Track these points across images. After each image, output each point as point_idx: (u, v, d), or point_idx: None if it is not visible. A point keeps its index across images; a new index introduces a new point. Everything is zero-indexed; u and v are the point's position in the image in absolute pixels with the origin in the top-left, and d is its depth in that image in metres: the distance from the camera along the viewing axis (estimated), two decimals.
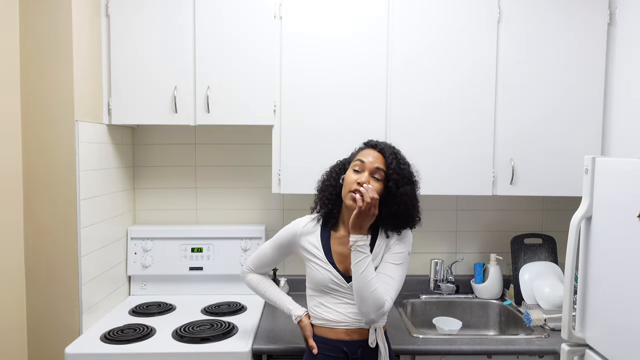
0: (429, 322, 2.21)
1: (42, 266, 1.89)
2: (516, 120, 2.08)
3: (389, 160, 1.51)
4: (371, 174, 1.50)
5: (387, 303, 1.48)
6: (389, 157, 1.52)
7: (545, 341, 1.85)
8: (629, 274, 1.42)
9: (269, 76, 2.07)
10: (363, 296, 1.45)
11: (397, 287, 1.53)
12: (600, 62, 2.08)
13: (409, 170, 1.55)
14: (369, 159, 1.51)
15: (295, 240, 1.63)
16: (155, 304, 2.19)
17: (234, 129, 2.43)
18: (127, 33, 2.06)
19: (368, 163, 1.51)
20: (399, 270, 1.54)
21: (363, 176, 1.48)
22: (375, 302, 1.44)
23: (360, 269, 1.44)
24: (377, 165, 1.50)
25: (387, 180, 1.51)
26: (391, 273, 1.52)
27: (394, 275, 1.52)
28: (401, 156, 1.56)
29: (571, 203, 1.93)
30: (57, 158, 1.86)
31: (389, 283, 1.51)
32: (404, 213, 1.52)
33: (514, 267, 2.25)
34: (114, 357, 1.72)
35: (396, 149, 1.58)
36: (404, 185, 1.50)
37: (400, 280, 1.54)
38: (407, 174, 1.53)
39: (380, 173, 1.50)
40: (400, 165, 1.52)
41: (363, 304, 1.46)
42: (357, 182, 1.47)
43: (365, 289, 1.44)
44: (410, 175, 1.54)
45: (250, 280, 1.74)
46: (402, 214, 1.52)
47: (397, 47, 2.06)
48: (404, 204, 1.50)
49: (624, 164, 1.46)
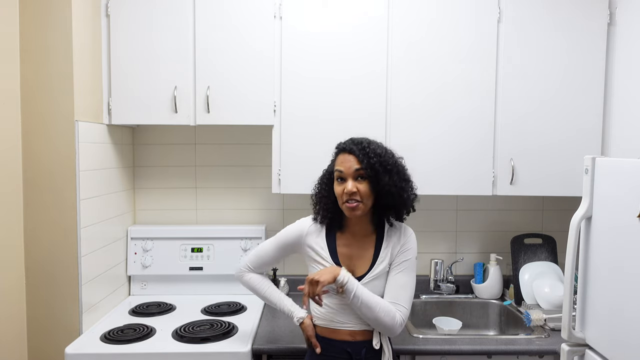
0: (429, 322, 2.21)
1: (42, 266, 1.89)
2: (516, 120, 2.08)
3: (360, 159, 1.48)
4: (354, 179, 1.49)
5: (399, 314, 1.49)
6: (359, 156, 1.48)
7: (545, 341, 1.85)
8: (629, 274, 1.42)
9: (269, 76, 2.07)
10: (369, 319, 1.49)
11: (409, 294, 1.54)
12: (600, 62, 2.08)
13: (382, 159, 1.49)
14: (346, 165, 1.50)
15: (301, 240, 1.62)
16: (155, 304, 2.19)
17: (234, 129, 2.43)
18: (127, 33, 2.06)
19: (346, 170, 1.49)
20: (409, 277, 1.55)
21: (348, 185, 1.48)
22: (382, 322, 1.48)
23: (357, 302, 1.47)
24: (355, 168, 1.48)
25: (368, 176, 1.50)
26: (402, 282, 1.53)
27: (405, 284, 1.53)
28: (371, 149, 1.50)
29: (571, 203, 1.93)
30: (57, 158, 1.86)
31: (401, 293, 1.51)
32: (395, 201, 1.51)
33: (514, 267, 2.25)
34: (114, 357, 1.72)
35: (365, 142, 1.52)
36: (383, 176, 1.47)
37: (412, 286, 1.55)
38: (380, 165, 1.48)
39: (361, 172, 1.48)
40: (371, 160, 1.47)
41: (377, 325, 1.50)
42: (345, 193, 1.48)
43: (368, 315, 1.48)
44: (385, 164, 1.49)
45: (249, 280, 1.71)
46: (394, 203, 1.52)
47: (398, 46, 2.06)
48: (390, 194, 1.49)
49: (624, 164, 1.47)
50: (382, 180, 1.47)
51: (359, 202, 1.48)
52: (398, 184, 1.50)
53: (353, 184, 1.48)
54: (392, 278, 1.54)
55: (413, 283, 1.56)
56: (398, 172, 1.52)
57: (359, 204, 1.48)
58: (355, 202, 1.48)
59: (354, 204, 1.48)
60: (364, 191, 1.48)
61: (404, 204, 1.53)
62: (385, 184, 1.47)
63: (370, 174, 1.47)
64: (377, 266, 1.54)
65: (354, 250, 1.58)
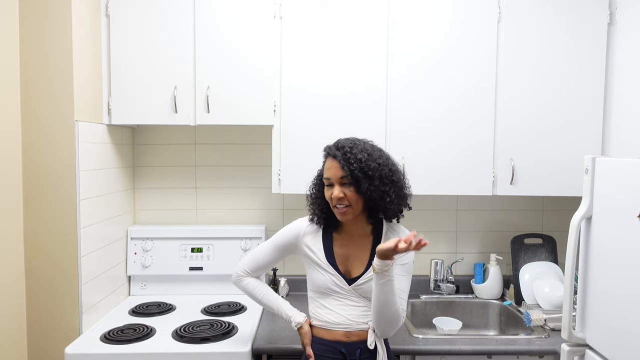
0: (429, 322, 2.21)
1: (42, 266, 1.89)
2: (516, 121, 2.08)
3: (342, 165, 1.47)
4: (341, 185, 1.49)
5: (403, 318, 1.50)
6: (341, 162, 1.47)
7: (545, 341, 1.85)
8: (629, 273, 1.42)
9: (269, 76, 2.07)
10: (384, 315, 1.46)
11: (406, 298, 1.55)
12: (600, 62, 2.08)
13: (363, 164, 1.46)
14: (332, 172, 1.50)
15: (297, 241, 1.62)
16: (155, 304, 2.19)
17: (234, 129, 2.43)
18: (127, 33, 2.06)
19: (332, 177, 1.50)
20: (407, 281, 1.56)
21: (335, 191, 1.48)
22: (395, 320, 1.48)
23: (384, 289, 1.42)
24: (340, 175, 1.48)
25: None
26: (402, 285, 1.53)
27: (404, 287, 1.54)
28: (353, 154, 1.47)
29: (571, 203, 1.93)
30: (57, 158, 1.86)
31: (402, 297, 1.52)
32: (377, 205, 1.51)
33: (514, 267, 2.25)
34: (114, 357, 1.72)
35: (348, 146, 1.49)
36: (363, 182, 1.46)
37: (408, 290, 1.57)
38: (360, 171, 1.45)
39: (345, 179, 1.48)
40: (352, 167, 1.46)
41: (382, 322, 1.48)
42: (333, 198, 1.49)
43: (387, 308, 1.44)
44: (365, 170, 1.46)
45: (247, 285, 1.67)
46: (382, 206, 1.51)
47: (398, 47, 2.06)
48: (371, 199, 1.49)
49: (624, 164, 1.46)
50: (363, 186, 1.47)
51: (348, 207, 1.49)
52: (381, 188, 1.48)
53: (340, 190, 1.48)
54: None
55: (409, 286, 1.57)
56: (380, 176, 1.49)
57: (348, 209, 1.49)
58: (344, 207, 1.49)
59: (343, 209, 1.49)
60: (351, 196, 1.48)
61: (386, 208, 1.52)
62: (366, 189, 1.47)
63: (352, 181, 1.47)
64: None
65: (351, 250, 1.58)
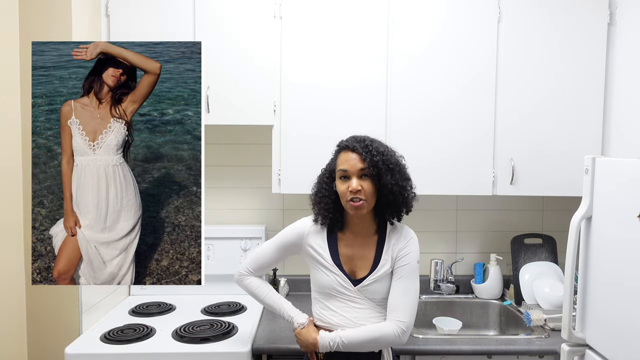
0: (429, 322, 2.21)
1: None
2: (516, 120, 2.08)
3: (363, 157, 1.47)
4: (359, 177, 1.48)
5: (396, 324, 1.48)
6: (362, 154, 1.48)
7: (545, 341, 1.85)
8: (629, 273, 1.42)
9: (269, 76, 2.07)
10: (375, 347, 1.52)
11: (410, 300, 1.51)
12: (600, 62, 2.07)
13: (385, 157, 1.49)
14: (350, 163, 1.49)
15: (301, 241, 1.61)
16: (155, 304, 2.19)
17: (234, 129, 2.42)
18: (127, 33, 2.05)
19: (350, 168, 1.48)
20: (410, 282, 1.53)
21: (353, 183, 1.47)
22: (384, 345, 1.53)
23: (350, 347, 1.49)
24: (360, 167, 1.48)
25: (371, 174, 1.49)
26: (404, 288, 1.51)
27: (406, 290, 1.52)
28: (374, 147, 1.50)
29: (571, 203, 1.93)
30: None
31: (401, 302, 1.50)
32: (397, 200, 1.51)
33: (514, 267, 2.25)
34: (114, 357, 1.72)
35: (368, 140, 1.52)
36: (385, 175, 1.47)
37: (414, 290, 1.53)
38: (383, 163, 1.47)
39: (365, 171, 1.48)
40: (375, 158, 1.47)
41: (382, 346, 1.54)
42: (350, 191, 1.47)
43: (368, 345, 1.50)
44: (387, 163, 1.48)
45: (250, 284, 1.66)
46: (394, 202, 1.51)
47: (398, 46, 2.06)
48: (392, 193, 1.49)
49: (624, 164, 1.47)
50: (385, 179, 1.47)
51: (364, 201, 1.48)
52: (400, 183, 1.50)
53: (358, 182, 1.47)
54: (393, 284, 1.53)
55: (415, 287, 1.54)
56: (400, 170, 1.51)
57: (364, 202, 1.48)
58: (360, 201, 1.47)
59: (359, 202, 1.47)
60: (368, 189, 1.47)
61: (404, 203, 1.53)
62: (387, 182, 1.47)
63: (373, 173, 1.47)
64: (380, 269, 1.53)
65: (356, 250, 1.57)
